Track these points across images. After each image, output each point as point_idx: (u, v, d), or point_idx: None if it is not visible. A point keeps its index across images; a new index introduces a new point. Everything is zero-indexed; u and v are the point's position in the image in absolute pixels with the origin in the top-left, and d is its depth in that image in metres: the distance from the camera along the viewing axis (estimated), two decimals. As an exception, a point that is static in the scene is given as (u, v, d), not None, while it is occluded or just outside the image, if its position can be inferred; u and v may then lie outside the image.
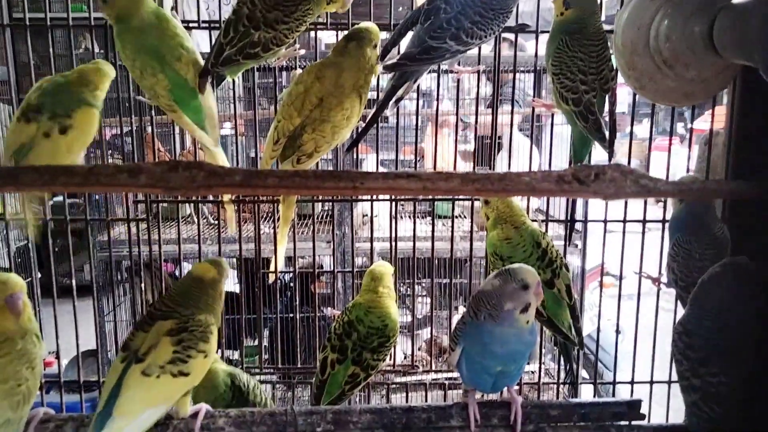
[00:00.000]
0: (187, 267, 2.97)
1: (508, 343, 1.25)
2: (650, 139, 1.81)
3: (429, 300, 2.64)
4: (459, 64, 1.56)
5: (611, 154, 1.40)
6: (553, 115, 1.53)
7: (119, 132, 2.43)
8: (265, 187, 0.84)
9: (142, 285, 2.03)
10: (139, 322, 1.28)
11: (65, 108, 1.36)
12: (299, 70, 1.58)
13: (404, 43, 1.44)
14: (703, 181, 0.86)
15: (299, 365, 1.73)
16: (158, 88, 1.38)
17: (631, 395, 1.58)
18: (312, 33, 1.80)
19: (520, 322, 1.23)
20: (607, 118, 1.38)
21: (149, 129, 2.71)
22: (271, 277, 1.62)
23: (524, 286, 1.22)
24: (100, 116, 1.44)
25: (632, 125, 1.81)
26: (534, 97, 1.58)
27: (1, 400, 1.11)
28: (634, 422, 1.37)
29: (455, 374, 1.49)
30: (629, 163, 1.74)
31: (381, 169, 2.72)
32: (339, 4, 1.40)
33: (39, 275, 1.95)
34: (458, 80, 1.70)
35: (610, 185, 0.85)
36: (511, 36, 1.83)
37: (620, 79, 1.40)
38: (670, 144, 1.73)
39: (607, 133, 1.36)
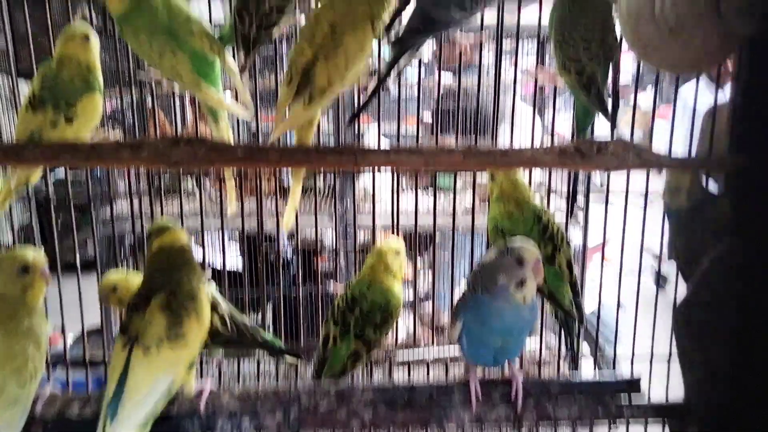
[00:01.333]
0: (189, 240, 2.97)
1: (505, 319, 1.24)
2: (654, 108, 1.80)
3: (431, 275, 2.65)
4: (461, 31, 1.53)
5: (614, 125, 1.39)
6: (555, 87, 1.51)
7: (119, 104, 2.41)
8: (267, 161, 0.84)
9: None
10: (133, 303, 1.27)
11: (67, 99, 1.35)
12: None
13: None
14: (705, 157, 0.86)
15: (302, 342, 1.74)
16: (180, 68, 1.35)
17: (631, 371, 1.59)
18: (313, 1, 1.77)
19: (514, 297, 1.22)
20: (610, 88, 1.37)
21: (149, 101, 2.69)
22: (290, 224, 1.56)
23: (519, 261, 1.21)
24: (101, 93, 1.44)
25: (636, 94, 1.80)
26: (537, 65, 1.55)
27: (9, 378, 1.12)
28: (633, 399, 1.39)
29: (456, 350, 1.51)
30: (632, 132, 1.73)
31: (383, 140, 2.71)
32: None
33: (42, 251, 1.96)
34: (460, 51, 1.68)
35: (612, 158, 0.85)
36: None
37: (625, 46, 1.39)
38: (674, 112, 1.71)
39: (609, 104, 1.35)
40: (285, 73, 1.31)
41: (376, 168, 1.69)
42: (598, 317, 1.98)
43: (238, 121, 3.01)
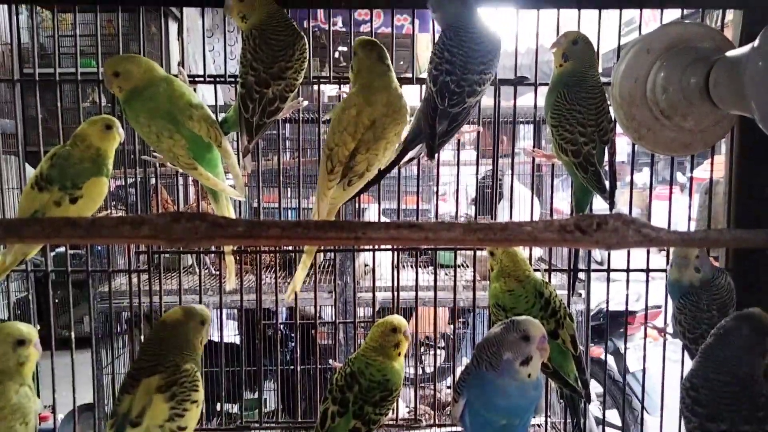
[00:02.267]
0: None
1: (510, 396, 1.22)
2: (651, 188, 1.82)
3: (432, 352, 2.60)
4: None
5: (612, 205, 1.41)
6: (553, 165, 1.54)
7: (123, 183, 2.45)
8: (268, 237, 0.84)
9: (142, 337, 2.01)
10: (123, 385, 1.26)
11: (74, 181, 1.39)
12: (341, 93, 1.60)
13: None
14: (705, 231, 0.85)
15: (299, 419, 1.69)
16: (176, 149, 1.40)
17: None
18: (315, 86, 1.84)
19: (520, 374, 1.21)
20: (607, 169, 1.40)
21: (153, 180, 2.74)
22: (288, 297, 1.58)
23: (525, 338, 1.20)
24: (108, 179, 1.47)
25: (632, 174, 1.83)
26: (534, 147, 1.59)
27: None
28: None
29: (458, 429, 1.45)
30: (630, 212, 1.74)
31: (384, 220, 2.73)
32: None
33: (38, 327, 1.93)
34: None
35: (613, 235, 0.84)
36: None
37: (619, 129, 1.42)
38: (671, 193, 1.73)
39: (607, 184, 1.37)
40: (323, 162, 1.38)
41: (377, 245, 1.70)
42: (643, 388, 1.91)
43: (239, 201, 3.05)
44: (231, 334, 3.80)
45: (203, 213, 0.80)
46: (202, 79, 1.77)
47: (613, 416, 3.22)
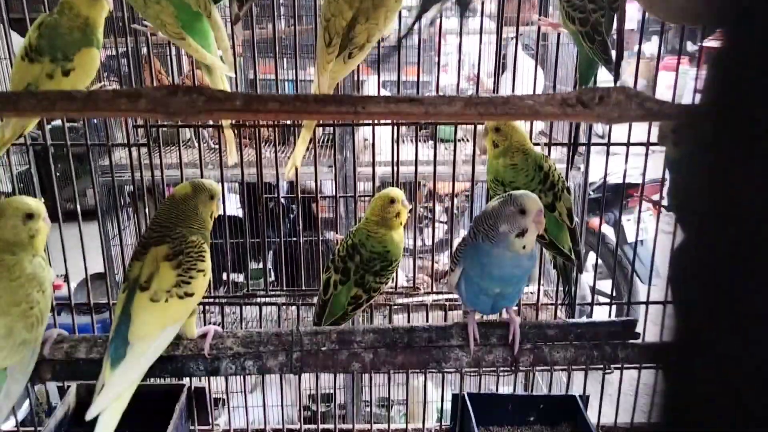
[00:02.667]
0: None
1: (504, 266, 1.27)
2: (658, 58, 1.77)
3: (431, 225, 2.66)
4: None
5: (617, 77, 1.37)
6: (559, 35, 1.48)
7: (114, 53, 2.37)
8: (266, 111, 0.83)
9: (146, 210, 2.04)
10: (134, 253, 1.31)
11: (65, 52, 1.34)
12: None
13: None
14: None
15: (303, 287, 1.77)
16: (163, 16, 1.33)
17: (645, 316, 1.58)
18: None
19: (515, 246, 1.24)
20: (615, 38, 1.35)
21: (144, 50, 2.64)
22: (288, 173, 1.58)
23: (521, 211, 1.22)
24: (99, 49, 1.42)
25: (640, 43, 1.76)
26: (540, 15, 1.52)
27: (16, 321, 1.15)
28: (628, 341, 1.42)
29: (455, 296, 1.53)
30: (636, 83, 1.70)
31: (384, 92, 2.68)
32: None
33: (42, 200, 1.96)
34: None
35: (615, 108, 0.84)
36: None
37: (629, -4, 1.36)
38: (679, 63, 1.69)
39: (613, 55, 1.33)
40: (320, 34, 1.31)
41: (377, 119, 1.68)
42: (634, 256, 1.98)
43: (236, 68, 2.97)
44: (233, 208, 3.87)
45: (200, 86, 0.79)
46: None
47: (608, 286, 3.36)
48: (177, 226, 1.29)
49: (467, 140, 3.16)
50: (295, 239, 2.14)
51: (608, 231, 3.71)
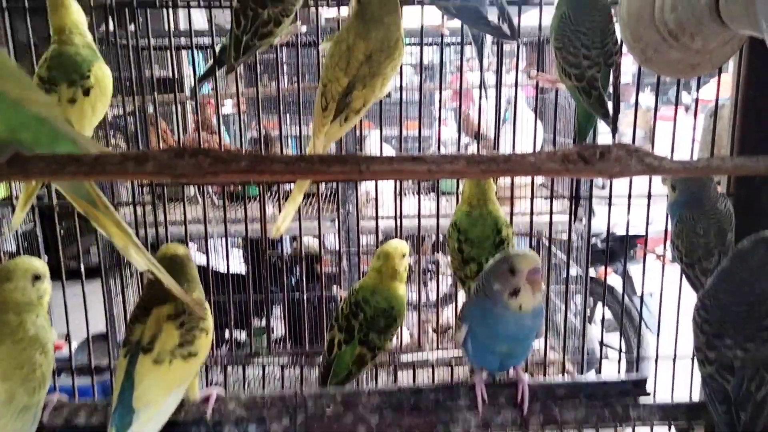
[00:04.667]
0: (192, 246, 2.98)
1: (507, 325, 1.23)
2: (655, 109, 1.80)
3: (436, 278, 2.65)
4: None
5: (615, 130, 1.39)
6: (557, 89, 1.51)
7: (122, 112, 2.42)
8: (272, 173, 0.84)
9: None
10: (133, 316, 1.29)
11: (80, 72, 1.32)
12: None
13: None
14: (707, 159, 0.85)
15: (307, 347, 1.74)
16: None
17: (655, 371, 1.56)
18: (313, 9, 1.79)
19: (510, 306, 1.22)
20: (611, 92, 1.37)
21: (151, 109, 2.70)
22: (276, 232, 1.55)
23: (511, 270, 1.20)
24: None
25: (637, 95, 1.80)
26: (537, 70, 1.56)
27: (17, 386, 1.13)
28: (640, 400, 1.39)
29: (460, 352, 1.50)
30: (634, 133, 1.73)
31: (385, 147, 2.71)
32: None
33: (46, 258, 1.96)
34: (462, 52, 1.67)
35: (615, 164, 0.85)
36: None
37: (625, 49, 1.39)
38: (676, 114, 1.71)
39: (610, 108, 1.35)
40: (318, 98, 1.34)
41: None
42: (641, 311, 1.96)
43: (240, 125, 3.02)
44: (236, 264, 3.86)
45: (206, 148, 0.80)
46: (196, 3, 1.72)
47: (615, 340, 3.30)
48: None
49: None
50: (298, 293, 2.12)
51: (615, 281, 3.69)
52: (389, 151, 2.76)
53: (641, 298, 1.92)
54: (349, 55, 1.30)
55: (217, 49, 1.46)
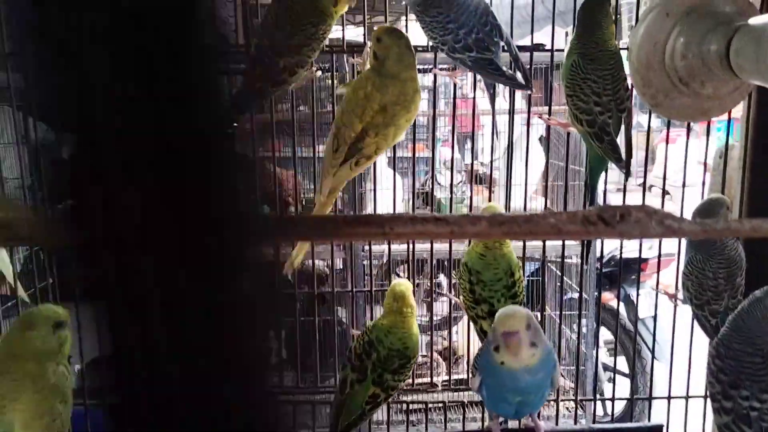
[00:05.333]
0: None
1: (504, 379, 1.24)
2: (668, 136, 1.79)
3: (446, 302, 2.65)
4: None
5: (628, 174, 1.41)
6: (568, 133, 1.53)
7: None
8: (297, 235, 0.85)
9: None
10: None
11: None
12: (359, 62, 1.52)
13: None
14: (725, 221, 0.87)
15: (318, 384, 1.74)
16: None
17: (668, 412, 1.55)
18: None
19: (494, 357, 1.23)
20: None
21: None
22: (289, 267, 1.55)
23: (495, 327, 1.23)
24: None
25: (650, 121, 1.79)
26: (549, 114, 1.57)
27: None
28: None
29: (473, 392, 1.50)
30: (646, 157, 1.74)
31: (386, 170, 2.71)
32: (342, 7, 1.41)
33: (51, 280, 1.96)
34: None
35: (636, 226, 0.85)
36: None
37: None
38: (666, 137, 1.70)
39: (623, 153, 1.36)
40: (330, 139, 1.36)
41: (384, 188, 1.71)
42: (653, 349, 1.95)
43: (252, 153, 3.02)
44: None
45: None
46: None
47: (622, 364, 3.29)
48: None
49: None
50: (306, 318, 2.11)
51: (622, 307, 3.68)
52: (389, 174, 2.76)
53: (653, 336, 1.90)
54: (365, 103, 1.32)
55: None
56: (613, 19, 1.35)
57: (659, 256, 1.77)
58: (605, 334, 3.43)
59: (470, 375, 1.36)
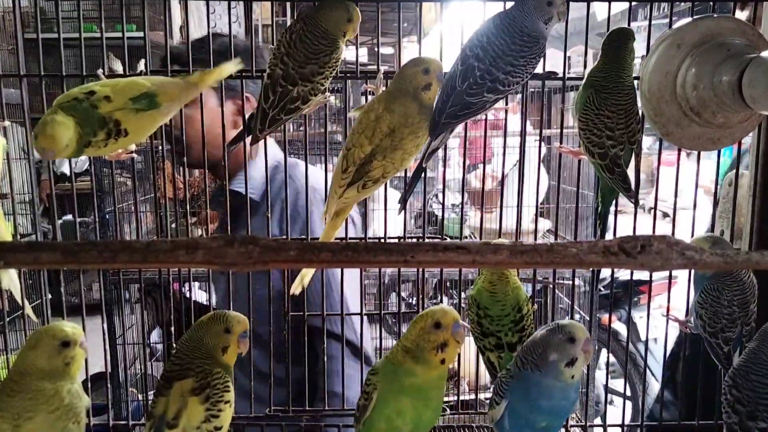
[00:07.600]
0: (195, 285, 2.96)
1: (554, 397, 1.24)
2: (659, 156, 1.80)
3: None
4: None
5: (636, 203, 1.41)
6: (580, 161, 1.53)
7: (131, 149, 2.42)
8: (319, 261, 0.85)
9: (155, 307, 2.03)
10: (157, 387, 1.27)
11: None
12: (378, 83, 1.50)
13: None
14: (747, 253, 0.87)
15: (326, 406, 1.72)
16: None
17: None
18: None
19: (564, 375, 1.23)
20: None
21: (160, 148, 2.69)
22: (296, 289, 1.50)
23: (570, 339, 1.22)
24: None
25: (661, 146, 1.79)
26: (560, 143, 1.58)
27: None
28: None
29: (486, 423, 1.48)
30: (657, 180, 1.75)
31: (390, 191, 2.71)
32: (351, 33, 1.41)
33: (49, 296, 1.94)
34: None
35: (657, 257, 0.85)
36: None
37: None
38: (679, 159, 1.70)
39: (632, 184, 1.37)
40: (340, 159, 1.36)
41: (387, 210, 1.69)
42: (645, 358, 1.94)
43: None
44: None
45: (255, 236, 0.81)
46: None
47: (620, 385, 3.28)
48: (197, 359, 1.26)
49: (473, 237, 3.20)
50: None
51: (620, 328, 3.70)
52: (394, 195, 2.77)
53: (645, 349, 1.91)
54: (376, 124, 1.32)
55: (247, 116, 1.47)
56: (634, 55, 1.36)
57: (670, 277, 1.77)
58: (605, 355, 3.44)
59: (492, 405, 1.33)
